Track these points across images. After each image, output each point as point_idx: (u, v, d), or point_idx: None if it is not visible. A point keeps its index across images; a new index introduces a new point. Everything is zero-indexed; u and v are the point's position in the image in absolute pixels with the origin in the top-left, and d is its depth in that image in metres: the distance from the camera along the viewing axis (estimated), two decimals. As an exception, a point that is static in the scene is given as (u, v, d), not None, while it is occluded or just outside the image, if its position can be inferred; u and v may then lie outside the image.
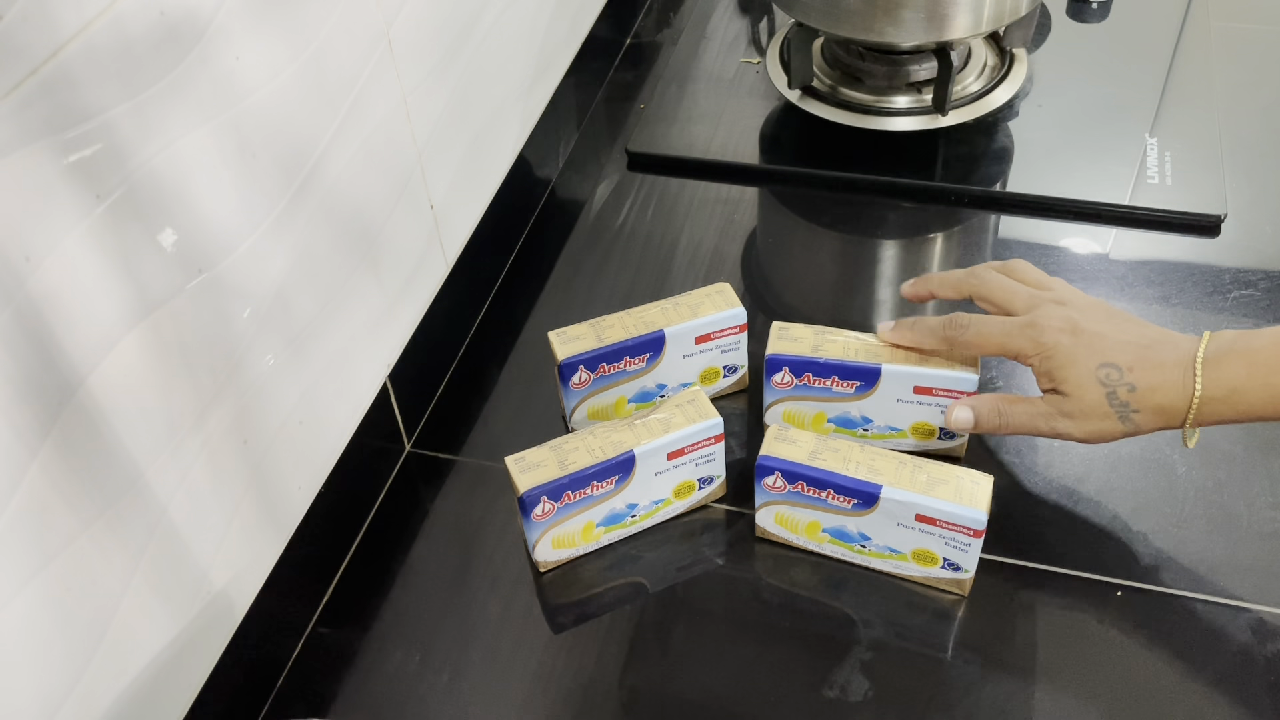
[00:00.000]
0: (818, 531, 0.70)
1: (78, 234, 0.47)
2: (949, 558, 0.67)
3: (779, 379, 0.73)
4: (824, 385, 0.72)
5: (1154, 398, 0.63)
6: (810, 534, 0.70)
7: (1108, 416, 0.64)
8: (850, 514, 0.67)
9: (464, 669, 0.67)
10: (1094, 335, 0.65)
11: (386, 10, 0.69)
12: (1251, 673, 0.63)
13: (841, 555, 0.70)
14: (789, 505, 0.69)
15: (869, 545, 0.68)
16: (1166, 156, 0.94)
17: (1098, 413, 0.64)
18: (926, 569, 0.68)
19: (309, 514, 0.68)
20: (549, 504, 0.67)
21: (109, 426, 0.51)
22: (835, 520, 0.68)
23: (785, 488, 0.68)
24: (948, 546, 0.66)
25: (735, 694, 0.65)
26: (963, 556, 0.66)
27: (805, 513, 0.69)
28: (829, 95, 1.01)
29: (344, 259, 0.69)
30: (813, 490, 0.67)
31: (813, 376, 0.72)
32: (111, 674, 0.54)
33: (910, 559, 0.68)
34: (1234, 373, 0.62)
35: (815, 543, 0.70)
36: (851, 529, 0.68)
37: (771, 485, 0.68)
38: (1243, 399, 0.62)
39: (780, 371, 0.72)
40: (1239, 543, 0.69)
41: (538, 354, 0.85)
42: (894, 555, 0.68)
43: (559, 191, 1.00)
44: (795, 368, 0.72)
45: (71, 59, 0.46)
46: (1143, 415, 0.64)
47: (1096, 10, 1.12)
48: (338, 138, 0.66)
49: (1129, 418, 0.64)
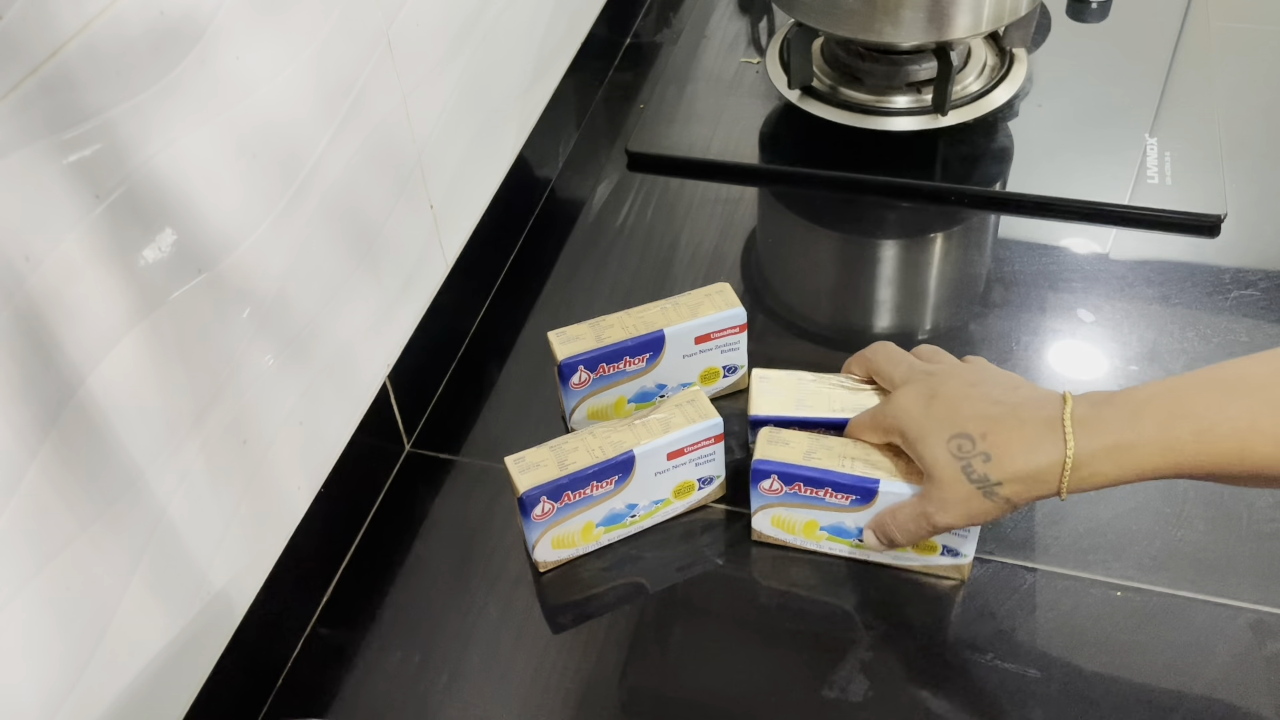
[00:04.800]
0: (815, 530, 0.69)
1: (77, 234, 0.47)
2: (948, 544, 0.67)
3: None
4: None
5: (1013, 465, 0.57)
6: (808, 533, 0.70)
7: (971, 496, 0.58)
8: (849, 510, 0.67)
9: (464, 669, 0.67)
10: (947, 404, 0.59)
11: (386, 10, 0.69)
12: (1251, 673, 0.63)
13: (840, 552, 0.70)
14: (786, 507, 0.69)
15: None
16: (1166, 156, 0.94)
17: (959, 492, 0.58)
18: (926, 557, 0.68)
19: (309, 514, 0.68)
20: (549, 504, 0.67)
21: (108, 426, 0.51)
22: (833, 518, 0.68)
23: (782, 489, 0.68)
24: (949, 534, 0.66)
25: (735, 694, 0.65)
26: (961, 542, 0.66)
27: (803, 513, 0.69)
28: (829, 95, 1.01)
29: (344, 259, 0.69)
30: (810, 490, 0.67)
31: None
32: (111, 674, 0.54)
33: (909, 548, 0.68)
34: (1115, 427, 0.55)
35: (813, 541, 0.70)
36: (850, 525, 0.68)
37: (768, 488, 0.68)
38: (1128, 455, 0.55)
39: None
40: (1239, 543, 0.69)
41: (538, 354, 0.85)
42: None
43: (559, 191, 1.00)
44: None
45: (71, 59, 0.46)
46: (1007, 487, 0.57)
47: (1096, 10, 1.12)
48: (337, 137, 0.66)
49: (993, 492, 0.57)
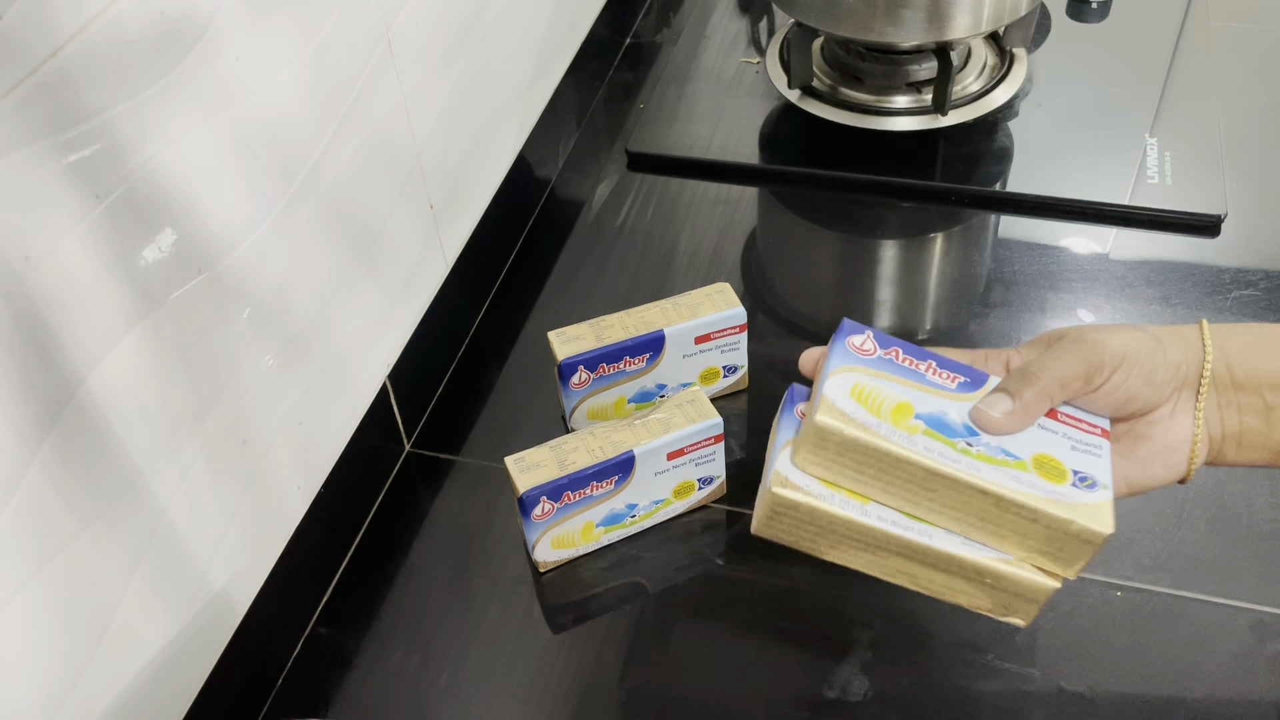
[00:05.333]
0: (908, 417, 0.52)
1: (77, 234, 0.47)
2: (1080, 468, 0.51)
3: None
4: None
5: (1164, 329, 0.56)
6: (898, 418, 0.51)
7: (1128, 328, 0.55)
8: (954, 395, 0.53)
9: (464, 669, 0.67)
10: None
11: (386, 10, 0.69)
12: (1251, 673, 0.63)
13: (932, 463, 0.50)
14: (875, 375, 0.53)
15: (975, 445, 0.51)
16: (1166, 156, 0.94)
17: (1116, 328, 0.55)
18: (1051, 484, 0.50)
19: (309, 514, 0.68)
20: (549, 504, 0.67)
21: (108, 427, 0.51)
22: (935, 404, 0.52)
23: (875, 351, 0.54)
24: (1075, 451, 0.52)
25: (735, 694, 0.65)
26: (1096, 464, 0.52)
27: (896, 388, 0.52)
28: (829, 95, 1.01)
29: (343, 259, 0.69)
30: (910, 360, 0.54)
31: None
32: (111, 674, 0.54)
33: (1030, 466, 0.51)
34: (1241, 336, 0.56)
35: (903, 433, 0.51)
36: (954, 417, 0.52)
37: (859, 346, 0.54)
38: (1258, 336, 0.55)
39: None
40: (1239, 543, 0.69)
41: (538, 354, 0.85)
42: (1009, 461, 0.51)
43: (559, 191, 1.00)
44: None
45: (71, 59, 0.46)
46: (1156, 330, 0.55)
47: (1096, 10, 1.12)
48: (337, 138, 0.66)
49: (1146, 329, 0.55)
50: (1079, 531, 0.50)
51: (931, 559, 0.52)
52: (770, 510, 0.53)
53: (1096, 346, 0.55)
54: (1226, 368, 0.56)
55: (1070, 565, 0.51)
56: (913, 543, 0.52)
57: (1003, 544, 0.52)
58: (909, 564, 0.53)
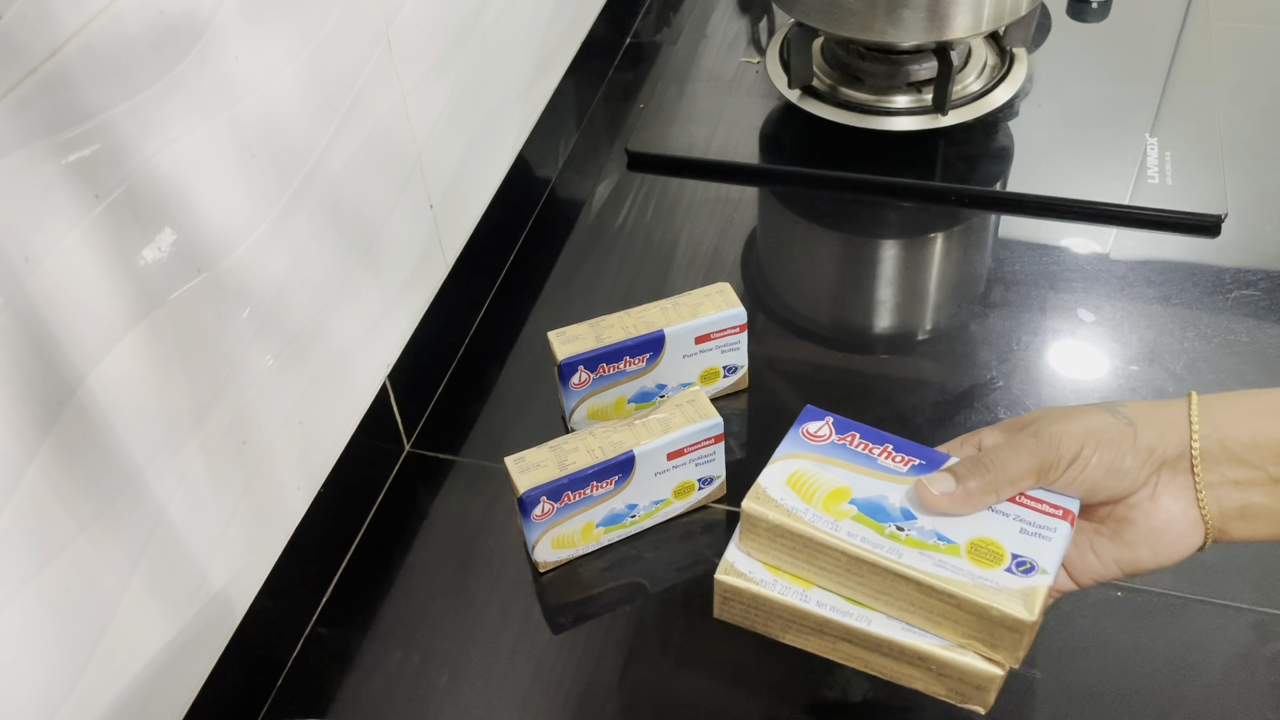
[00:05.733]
0: (842, 502, 0.52)
1: (77, 234, 0.47)
2: (1020, 552, 0.50)
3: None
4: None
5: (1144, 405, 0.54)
6: (829, 505, 0.52)
7: (1095, 411, 0.54)
8: (903, 479, 0.53)
9: (464, 669, 0.67)
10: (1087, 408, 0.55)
11: (386, 10, 0.69)
12: (1251, 673, 0.63)
13: (855, 551, 0.50)
14: (821, 462, 0.54)
15: (908, 530, 0.51)
16: (1166, 156, 0.94)
17: (1082, 410, 0.54)
18: (983, 570, 0.50)
19: (309, 514, 0.68)
20: (549, 504, 0.67)
21: (108, 427, 0.51)
22: (875, 488, 0.52)
23: (829, 437, 0.55)
24: (1023, 535, 0.51)
25: (735, 694, 0.65)
26: (1042, 549, 0.50)
27: (838, 474, 0.53)
28: (829, 95, 1.01)
29: (343, 259, 0.69)
30: (865, 445, 0.55)
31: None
32: (110, 674, 0.54)
33: (963, 552, 0.50)
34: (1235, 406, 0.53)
35: (829, 520, 0.51)
36: (893, 502, 0.52)
37: (814, 433, 0.55)
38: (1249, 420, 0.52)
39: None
40: (1239, 543, 0.69)
41: (538, 354, 0.85)
42: (939, 545, 0.51)
43: (559, 191, 1.00)
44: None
45: (70, 58, 0.46)
46: (1132, 410, 0.54)
47: (1096, 10, 1.12)
48: (337, 137, 0.66)
49: (1118, 412, 0.54)
50: (1000, 618, 0.48)
51: (874, 644, 0.52)
52: (720, 596, 0.54)
53: (1052, 442, 0.53)
54: (1219, 443, 0.53)
55: (1009, 652, 0.50)
56: (853, 628, 0.52)
57: (939, 630, 0.51)
58: (857, 649, 0.53)
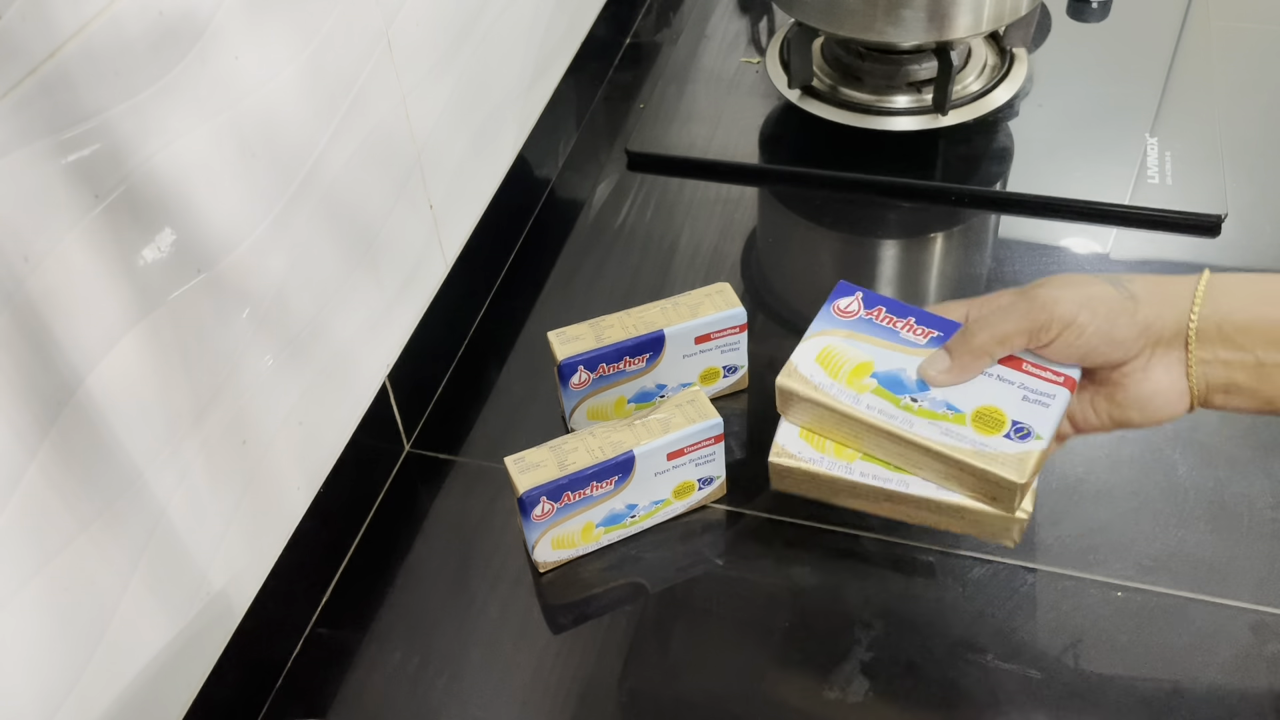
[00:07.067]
0: (864, 376, 0.59)
1: (76, 234, 0.47)
2: (1021, 419, 0.57)
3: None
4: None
5: (1149, 279, 0.58)
6: (852, 380, 0.59)
7: (1095, 281, 0.57)
8: (921, 351, 0.59)
9: (464, 669, 0.67)
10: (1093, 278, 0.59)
11: (386, 10, 0.69)
12: (1251, 673, 0.63)
13: (875, 419, 0.58)
14: (848, 337, 0.61)
15: (921, 400, 0.58)
16: (1166, 156, 0.94)
17: (1083, 279, 0.57)
18: (985, 437, 0.57)
19: (309, 514, 0.68)
20: (548, 504, 0.67)
21: (108, 427, 0.51)
22: (895, 361, 0.59)
23: (858, 312, 0.62)
24: (1025, 402, 0.57)
25: (735, 694, 0.65)
26: (1040, 415, 0.57)
27: (863, 348, 0.60)
28: (829, 95, 1.01)
29: (343, 259, 0.69)
30: (890, 319, 0.61)
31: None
32: (110, 674, 0.54)
33: (968, 420, 0.57)
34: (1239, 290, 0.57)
35: (851, 393, 0.59)
36: (911, 375, 0.59)
37: (844, 309, 0.62)
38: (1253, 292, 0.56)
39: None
40: (1239, 543, 0.69)
41: (537, 354, 0.85)
42: (947, 415, 0.58)
43: (559, 191, 1.00)
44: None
45: (70, 59, 0.46)
46: (1138, 285, 0.57)
47: (1096, 10, 1.12)
48: (337, 137, 0.66)
49: (1121, 284, 0.57)
50: (997, 480, 0.56)
51: (914, 502, 0.60)
52: (775, 474, 0.62)
53: (1045, 305, 0.57)
54: (1216, 325, 0.56)
55: (1006, 505, 0.57)
56: (893, 492, 0.60)
57: (950, 486, 0.59)
58: (899, 506, 0.61)
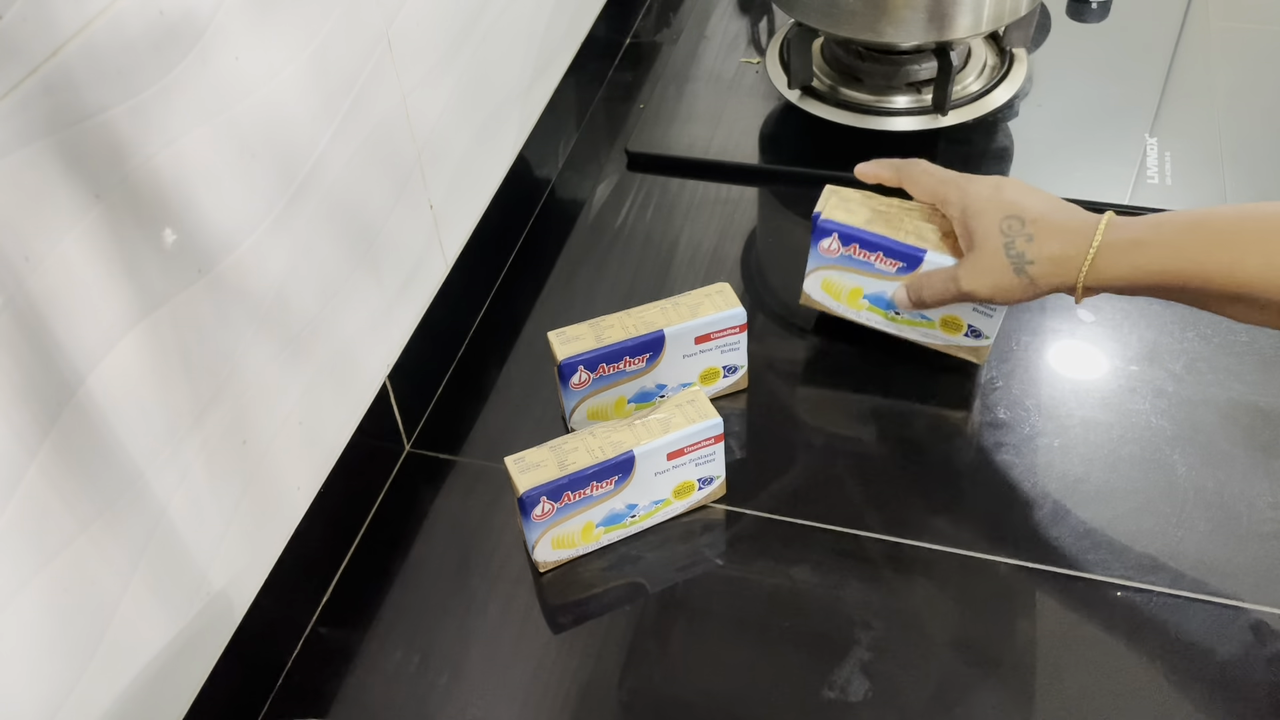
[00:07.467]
0: (859, 298, 0.77)
1: (77, 234, 0.47)
2: (973, 324, 0.75)
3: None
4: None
5: (1049, 247, 0.66)
6: (851, 300, 0.78)
7: (1003, 269, 0.68)
8: (894, 278, 0.75)
9: (464, 669, 0.67)
10: (1012, 194, 0.69)
11: (386, 10, 0.69)
12: (1251, 673, 0.63)
13: (876, 323, 0.78)
14: (838, 270, 0.76)
15: (903, 312, 0.76)
16: (1166, 156, 0.94)
17: (994, 264, 0.68)
18: (951, 336, 0.77)
19: (309, 514, 0.68)
20: (549, 504, 0.67)
21: (108, 427, 0.51)
22: (878, 285, 0.76)
23: (839, 251, 0.75)
24: (975, 312, 0.75)
25: (735, 694, 0.65)
26: (985, 323, 0.75)
27: (851, 278, 0.76)
28: (829, 95, 1.01)
29: (344, 259, 0.69)
30: (864, 254, 0.75)
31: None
32: (111, 674, 0.54)
33: (938, 326, 0.76)
34: (1138, 228, 0.64)
35: (854, 310, 0.78)
36: (891, 295, 0.76)
37: (827, 248, 0.76)
38: (1143, 253, 0.63)
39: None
40: (1239, 543, 0.69)
41: (538, 354, 0.85)
42: (923, 322, 0.77)
43: (559, 191, 1.00)
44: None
45: (71, 58, 0.46)
46: (1037, 266, 0.67)
47: (1096, 10, 1.12)
48: (337, 137, 0.66)
49: (1024, 269, 0.67)
50: (963, 358, 0.79)
51: None
52: (805, 305, 0.82)
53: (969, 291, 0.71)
54: (1097, 281, 0.66)
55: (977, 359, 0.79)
56: (891, 334, 0.80)
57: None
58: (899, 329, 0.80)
